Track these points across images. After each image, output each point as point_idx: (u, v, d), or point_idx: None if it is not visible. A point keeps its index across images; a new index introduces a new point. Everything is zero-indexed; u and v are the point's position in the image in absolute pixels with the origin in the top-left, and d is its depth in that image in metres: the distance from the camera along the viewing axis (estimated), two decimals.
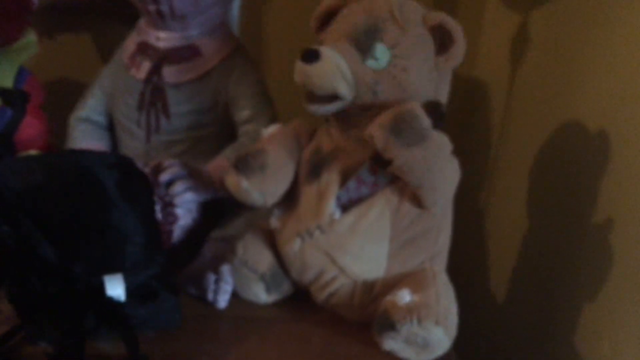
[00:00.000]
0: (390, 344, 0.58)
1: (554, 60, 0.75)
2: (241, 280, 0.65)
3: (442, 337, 0.56)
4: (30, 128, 0.82)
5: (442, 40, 0.58)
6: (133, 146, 0.79)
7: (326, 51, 0.57)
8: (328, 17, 0.63)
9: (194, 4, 0.73)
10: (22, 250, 0.51)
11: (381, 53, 0.57)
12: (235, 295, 0.66)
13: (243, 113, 0.77)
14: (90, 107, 0.82)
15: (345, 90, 0.58)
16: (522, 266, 0.77)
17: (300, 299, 0.67)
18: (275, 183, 0.62)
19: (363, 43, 0.58)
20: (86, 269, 0.54)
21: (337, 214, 0.60)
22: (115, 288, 0.55)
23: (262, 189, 0.62)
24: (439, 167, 0.55)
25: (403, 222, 0.59)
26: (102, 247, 0.54)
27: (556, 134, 0.75)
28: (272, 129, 0.65)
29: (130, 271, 0.56)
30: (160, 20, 0.74)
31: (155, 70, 0.75)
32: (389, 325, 0.57)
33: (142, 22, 0.79)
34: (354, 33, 0.59)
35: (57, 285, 0.53)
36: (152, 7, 0.72)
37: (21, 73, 0.81)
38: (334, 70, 0.57)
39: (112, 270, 0.55)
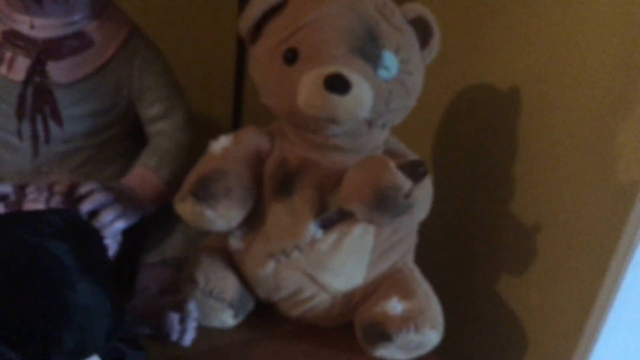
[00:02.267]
0: (383, 352, 0.58)
1: (465, 26, 0.75)
2: (207, 311, 0.58)
3: (436, 337, 0.57)
4: None
5: (423, 33, 0.54)
6: (15, 163, 0.63)
7: (354, 76, 0.49)
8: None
9: None
10: None
11: (391, 61, 0.52)
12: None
13: (153, 108, 0.65)
14: None
15: (367, 113, 0.51)
16: (449, 230, 0.81)
17: (260, 313, 0.63)
18: (242, 206, 0.55)
19: (370, 53, 0.51)
20: None
21: (320, 233, 0.55)
22: None
23: (229, 216, 0.54)
24: (424, 211, 0.53)
25: (385, 233, 0.57)
26: (72, 334, 0.44)
27: (468, 97, 0.77)
28: (224, 141, 0.56)
29: (104, 345, 0.47)
30: (37, 4, 0.57)
31: (37, 67, 0.60)
32: (384, 337, 0.56)
33: (5, 8, 0.60)
34: (356, 42, 0.51)
35: None
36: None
37: None
38: (368, 98, 0.50)
39: (87, 353, 0.45)
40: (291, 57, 0.51)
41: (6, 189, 0.59)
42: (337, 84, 0.48)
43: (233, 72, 0.82)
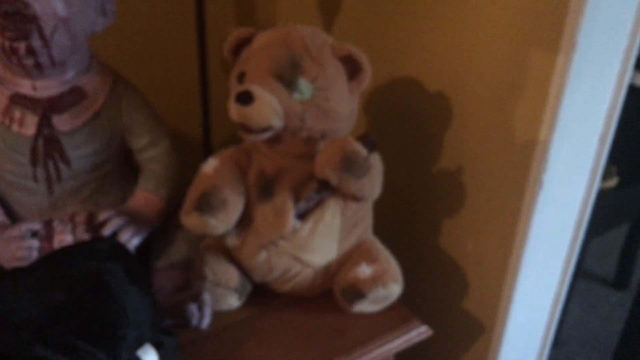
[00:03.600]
0: (359, 307, 0.74)
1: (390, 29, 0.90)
2: (216, 298, 0.73)
3: (398, 289, 0.74)
4: None
5: (352, 68, 0.69)
6: (33, 202, 0.75)
7: (259, 92, 0.64)
8: (239, 47, 0.69)
9: (71, 47, 0.69)
10: None
11: (305, 87, 0.66)
12: None
13: (142, 140, 0.78)
14: None
15: (277, 122, 0.66)
16: (396, 204, 0.97)
17: (256, 293, 0.78)
18: (236, 212, 0.70)
19: (288, 79, 0.66)
20: (116, 356, 0.57)
21: (298, 224, 0.71)
22: (150, 356, 0.60)
23: (227, 223, 0.69)
24: (378, 180, 0.69)
25: (349, 214, 0.73)
26: (132, 330, 0.58)
27: (392, 89, 0.93)
28: (212, 163, 0.70)
29: (151, 336, 0.61)
30: (38, 71, 0.69)
31: (44, 122, 0.71)
32: (359, 295, 0.72)
33: (3, 73, 0.71)
34: (278, 69, 0.66)
35: None
36: (28, 61, 0.67)
37: None
38: (268, 109, 0.65)
39: (142, 343, 0.59)
40: (240, 78, 0.66)
41: (36, 225, 0.71)
42: (242, 98, 0.63)
43: (198, 89, 0.94)
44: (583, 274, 1.95)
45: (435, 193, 0.91)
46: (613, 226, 1.31)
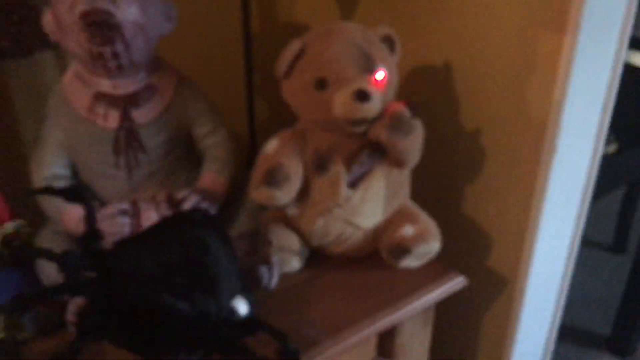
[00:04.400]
0: (405, 263, 0.86)
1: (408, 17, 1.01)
2: (281, 261, 0.84)
3: (438, 245, 0.86)
4: None
5: (390, 44, 0.80)
6: (115, 186, 0.85)
7: (372, 90, 0.75)
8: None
9: (146, 50, 0.80)
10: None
11: (381, 73, 0.77)
12: None
13: (204, 128, 0.89)
14: (54, 164, 0.84)
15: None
16: (430, 174, 1.08)
17: (313, 256, 0.89)
18: (296, 185, 0.81)
19: (370, 70, 0.77)
20: (220, 304, 0.68)
21: (350, 192, 0.82)
22: (243, 307, 0.71)
23: (290, 194, 0.80)
24: (420, 143, 0.81)
25: (392, 181, 0.84)
26: (226, 285, 0.69)
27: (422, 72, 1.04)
28: (273, 144, 0.81)
29: (239, 291, 0.72)
30: (119, 72, 0.80)
31: (125, 116, 0.82)
32: (406, 252, 0.84)
33: (85, 75, 0.82)
34: (360, 65, 0.76)
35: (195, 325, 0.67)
36: (112, 64, 0.77)
37: None
38: (380, 103, 0.76)
39: (233, 297, 0.70)
40: (322, 84, 0.76)
41: (124, 205, 0.82)
42: (362, 96, 0.74)
43: (243, 75, 1.04)
44: (582, 240, 2.07)
45: (458, 162, 1.03)
46: (612, 189, 1.43)
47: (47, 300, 0.74)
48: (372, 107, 0.75)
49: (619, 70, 0.91)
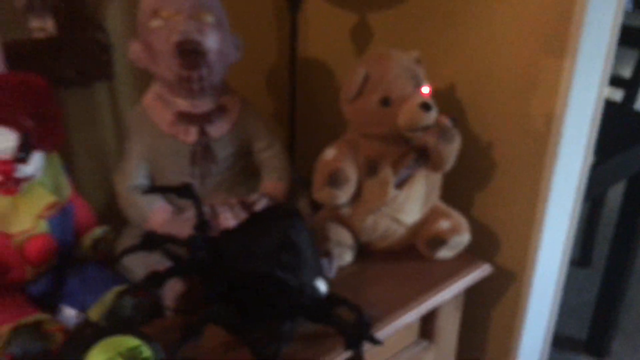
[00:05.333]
0: (441, 253, 1.00)
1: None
2: (338, 254, 0.97)
3: (468, 237, 1.01)
4: (83, 211, 0.93)
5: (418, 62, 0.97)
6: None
7: (431, 102, 0.91)
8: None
9: (222, 74, 0.94)
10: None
11: (427, 89, 0.93)
12: None
13: (263, 142, 1.03)
14: (138, 175, 0.96)
15: None
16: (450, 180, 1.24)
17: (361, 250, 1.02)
18: (353, 187, 0.95)
19: (419, 85, 0.93)
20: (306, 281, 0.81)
21: (396, 192, 0.97)
22: (322, 286, 0.84)
23: (348, 194, 0.94)
24: (457, 150, 0.96)
25: (429, 183, 0.99)
26: (309, 270, 0.81)
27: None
28: (331, 152, 0.95)
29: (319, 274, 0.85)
30: (199, 93, 0.93)
31: (201, 132, 0.95)
32: (442, 243, 0.98)
33: (167, 96, 0.94)
34: (414, 83, 0.92)
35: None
36: (196, 86, 0.91)
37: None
38: (437, 112, 0.92)
39: (318, 277, 0.83)
40: (386, 102, 0.91)
41: (205, 208, 0.94)
42: (427, 107, 0.90)
43: (286, 96, 1.18)
44: None
45: (469, 171, 1.18)
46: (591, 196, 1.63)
47: (147, 289, 0.85)
48: (433, 115, 0.91)
49: (605, 89, 1.10)
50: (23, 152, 0.79)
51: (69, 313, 0.85)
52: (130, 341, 0.75)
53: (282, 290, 0.75)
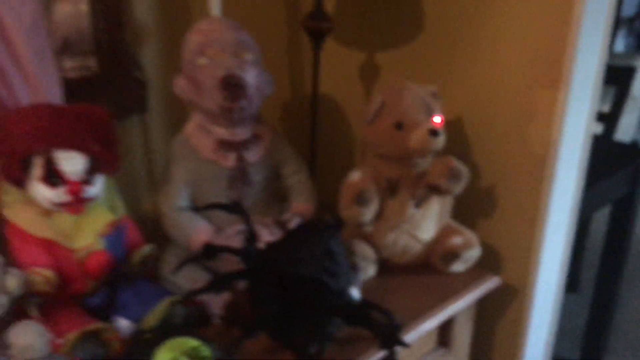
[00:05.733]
0: (454, 267, 1.10)
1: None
2: (362, 268, 1.07)
3: (479, 251, 1.11)
4: (132, 230, 1.01)
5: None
6: (227, 215, 1.06)
7: (440, 129, 1.02)
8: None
9: (258, 105, 1.05)
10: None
11: (438, 118, 1.05)
12: None
13: (291, 168, 1.13)
14: (180, 198, 1.05)
15: None
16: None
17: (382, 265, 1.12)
18: (377, 206, 1.05)
19: (431, 115, 1.04)
20: (344, 286, 0.90)
21: (414, 211, 1.07)
22: (356, 293, 0.93)
23: (372, 212, 1.04)
24: (467, 182, 1.08)
25: (443, 203, 1.10)
26: (343, 278, 0.91)
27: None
28: (356, 174, 1.06)
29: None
30: (239, 122, 1.03)
31: (239, 157, 1.05)
32: (455, 257, 1.09)
33: (208, 125, 1.04)
34: (427, 111, 1.04)
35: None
36: (236, 115, 1.01)
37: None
38: (443, 139, 1.03)
39: (351, 285, 0.93)
40: (399, 126, 1.03)
41: (242, 227, 1.03)
42: (435, 133, 1.01)
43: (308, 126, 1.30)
44: None
45: (473, 192, 1.29)
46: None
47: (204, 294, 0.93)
48: (440, 141, 1.02)
49: (593, 117, 1.23)
50: (90, 175, 0.88)
51: (123, 324, 0.93)
52: (191, 342, 0.83)
53: (325, 293, 0.84)
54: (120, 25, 1.19)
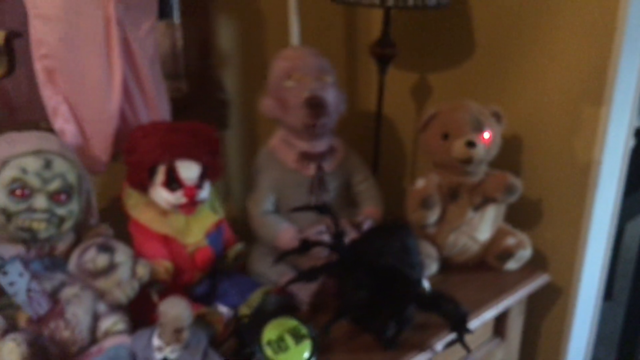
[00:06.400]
0: (508, 265, 1.23)
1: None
2: (428, 265, 1.20)
3: (530, 251, 1.24)
4: (228, 230, 1.17)
5: (497, 118, 1.22)
6: (306, 217, 1.20)
7: (478, 141, 1.16)
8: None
9: (334, 122, 1.20)
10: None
11: (487, 134, 1.19)
12: None
13: (360, 176, 1.28)
14: (267, 202, 1.20)
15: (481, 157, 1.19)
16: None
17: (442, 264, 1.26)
18: (440, 210, 1.19)
19: (479, 130, 1.18)
20: (419, 277, 1.04)
21: (472, 214, 1.21)
22: (427, 284, 1.07)
23: (436, 215, 1.19)
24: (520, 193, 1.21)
25: (498, 208, 1.24)
26: (419, 269, 1.05)
27: None
28: (421, 182, 1.20)
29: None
30: (320, 136, 1.18)
31: (319, 167, 1.20)
32: (510, 256, 1.22)
33: (291, 139, 1.20)
34: (473, 126, 1.18)
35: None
36: (317, 131, 1.16)
37: None
38: (482, 151, 1.17)
39: (422, 277, 1.06)
40: (446, 136, 1.18)
41: (322, 228, 1.17)
42: (472, 144, 1.15)
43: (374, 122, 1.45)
44: None
45: (524, 198, 1.42)
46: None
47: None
48: (476, 153, 1.17)
49: (633, 126, 1.35)
50: (201, 181, 1.03)
51: (223, 310, 1.08)
52: (292, 322, 0.98)
53: (404, 283, 0.98)
54: (208, 52, 1.36)
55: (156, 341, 0.83)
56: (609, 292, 2.50)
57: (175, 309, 0.81)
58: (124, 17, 0.98)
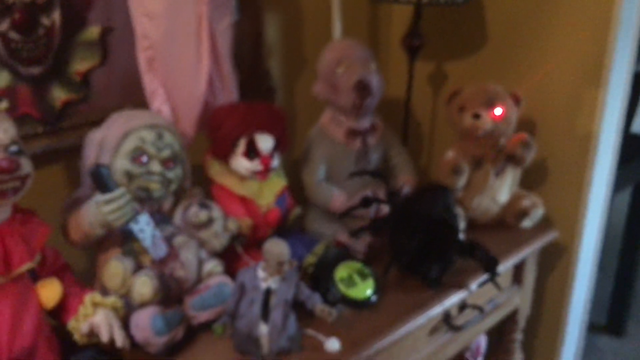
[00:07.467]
0: (524, 223, 1.45)
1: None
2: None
3: (543, 211, 1.46)
4: (289, 196, 1.37)
5: (515, 99, 1.44)
6: (352, 185, 1.40)
7: (485, 116, 1.38)
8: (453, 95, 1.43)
9: (377, 103, 1.40)
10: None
11: (499, 110, 1.40)
12: None
13: (396, 150, 1.49)
14: (319, 172, 1.40)
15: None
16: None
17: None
18: (467, 176, 1.40)
19: (491, 105, 1.40)
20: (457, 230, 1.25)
21: (494, 180, 1.42)
22: (462, 235, 1.28)
23: (464, 180, 1.40)
24: (535, 154, 1.43)
25: (514, 174, 1.45)
26: (457, 222, 1.26)
27: None
28: (450, 152, 1.41)
29: None
30: (364, 115, 1.39)
31: (363, 141, 1.40)
32: (525, 215, 1.44)
33: (340, 117, 1.40)
34: (485, 101, 1.39)
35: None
36: (364, 110, 1.37)
37: None
38: (490, 125, 1.38)
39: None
40: (461, 109, 1.40)
41: (368, 194, 1.37)
42: (477, 116, 1.38)
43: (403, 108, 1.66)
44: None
45: (533, 166, 1.64)
46: None
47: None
48: (481, 124, 1.38)
49: (626, 104, 1.58)
50: (274, 152, 1.23)
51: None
52: (357, 264, 1.18)
53: (450, 231, 1.19)
54: (258, 44, 1.55)
55: (261, 273, 1.03)
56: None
57: (278, 247, 1.01)
58: (212, 14, 1.17)
